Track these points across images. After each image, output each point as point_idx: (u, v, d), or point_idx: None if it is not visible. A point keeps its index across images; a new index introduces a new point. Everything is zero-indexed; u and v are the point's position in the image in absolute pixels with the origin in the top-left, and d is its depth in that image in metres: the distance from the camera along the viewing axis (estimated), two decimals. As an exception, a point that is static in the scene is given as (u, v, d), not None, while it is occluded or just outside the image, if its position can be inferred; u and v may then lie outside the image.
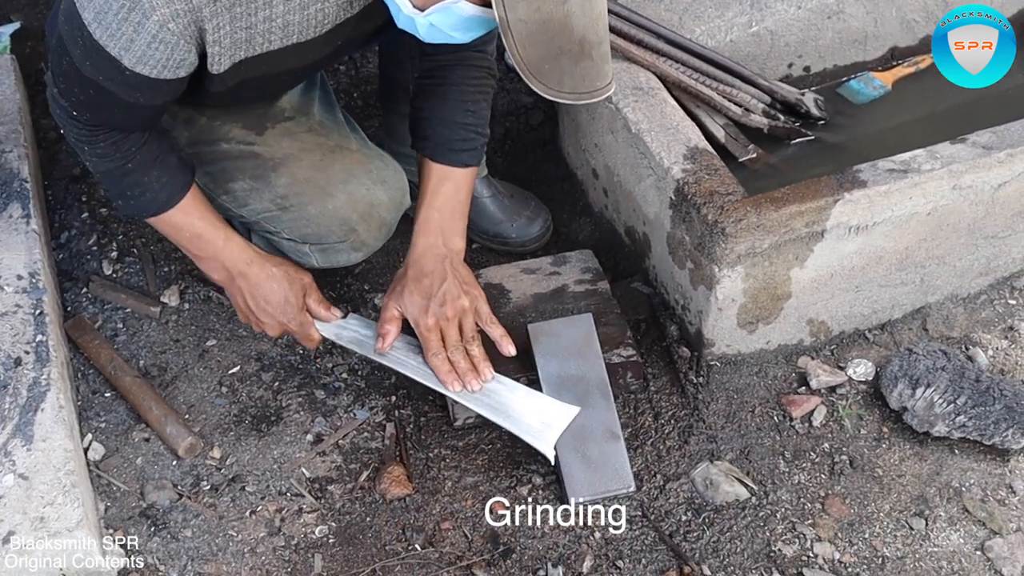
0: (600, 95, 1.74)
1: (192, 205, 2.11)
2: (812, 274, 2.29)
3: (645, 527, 2.17)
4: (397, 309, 2.23)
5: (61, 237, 2.73)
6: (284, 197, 2.19)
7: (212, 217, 2.16)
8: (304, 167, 2.19)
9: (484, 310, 2.27)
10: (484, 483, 2.25)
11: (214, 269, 2.20)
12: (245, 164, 2.19)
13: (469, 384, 2.20)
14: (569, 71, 1.67)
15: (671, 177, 2.28)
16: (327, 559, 2.13)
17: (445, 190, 2.22)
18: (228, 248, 2.16)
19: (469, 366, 2.21)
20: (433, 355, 2.20)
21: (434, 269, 2.20)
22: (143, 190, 2.05)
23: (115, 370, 2.39)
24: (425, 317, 2.19)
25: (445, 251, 2.22)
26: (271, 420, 2.36)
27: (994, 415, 2.24)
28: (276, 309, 2.21)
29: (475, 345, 2.23)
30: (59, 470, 2.03)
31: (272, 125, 2.21)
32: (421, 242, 2.22)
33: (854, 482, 2.25)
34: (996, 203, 2.35)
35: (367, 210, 2.23)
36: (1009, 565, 2.12)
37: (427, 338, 2.20)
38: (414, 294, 2.19)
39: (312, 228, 2.22)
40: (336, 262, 2.32)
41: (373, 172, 2.24)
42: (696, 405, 2.36)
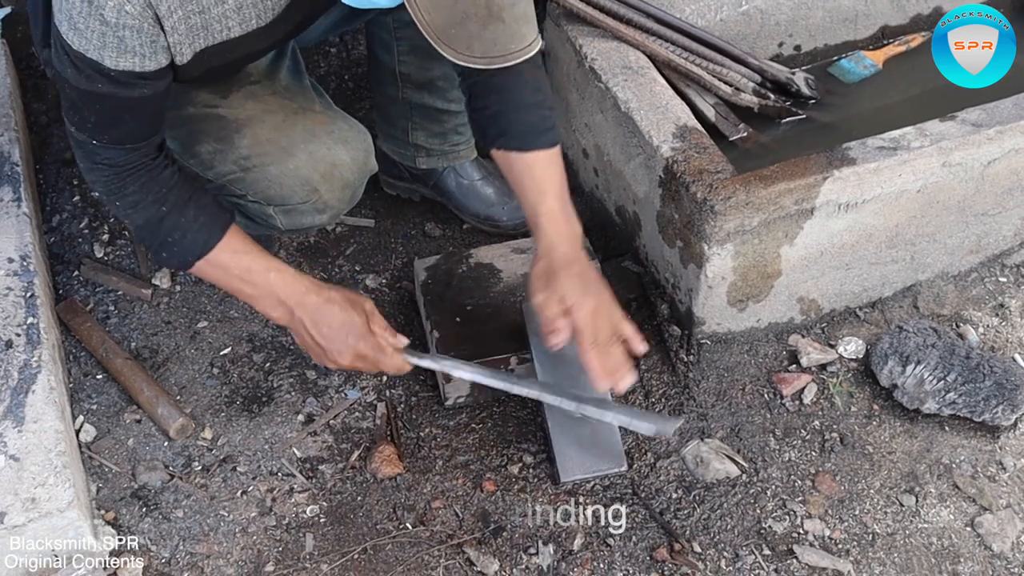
0: (515, 58, 1.68)
1: (237, 241, 2.03)
2: (802, 252, 2.29)
3: (636, 505, 2.18)
4: (557, 302, 2.01)
5: (52, 220, 2.73)
6: (247, 158, 2.15)
7: (259, 251, 2.07)
8: (266, 128, 2.16)
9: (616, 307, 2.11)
10: (475, 462, 2.26)
11: (272, 306, 2.07)
12: (210, 126, 2.16)
13: (622, 382, 2.04)
14: (478, 35, 1.63)
15: (660, 156, 2.28)
16: (318, 538, 2.14)
17: (553, 174, 2.08)
18: (281, 279, 2.05)
19: (621, 362, 2.04)
20: (592, 344, 2.01)
21: (579, 256, 2.06)
22: (183, 232, 1.98)
23: (106, 352, 2.39)
24: (585, 300, 2.01)
25: (576, 239, 2.09)
26: (262, 401, 2.37)
27: (984, 392, 2.24)
28: (340, 333, 2.06)
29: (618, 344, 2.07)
30: (50, 451, 2.03)
31: (237, 88, 2.18)
32: (558, 234, 2.05)
33: (844, 459, 2.25)
34: (986, 180, 2.35)
35: (328, 170, 2.19)
36: (999, 541, 2.12)
37: (586, 325, 2.01)
38: (571, 281, 2.01)
39: (275, 189, 2.18)
40: (301, 224, 2.27)
41: (335, 132, 2.21)
42: (687, 383, 2.36)
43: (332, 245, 2.69)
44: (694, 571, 2.08)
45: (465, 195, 2.69)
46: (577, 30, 2.57)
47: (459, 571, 2.09)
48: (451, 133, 2.60)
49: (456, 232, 2.74)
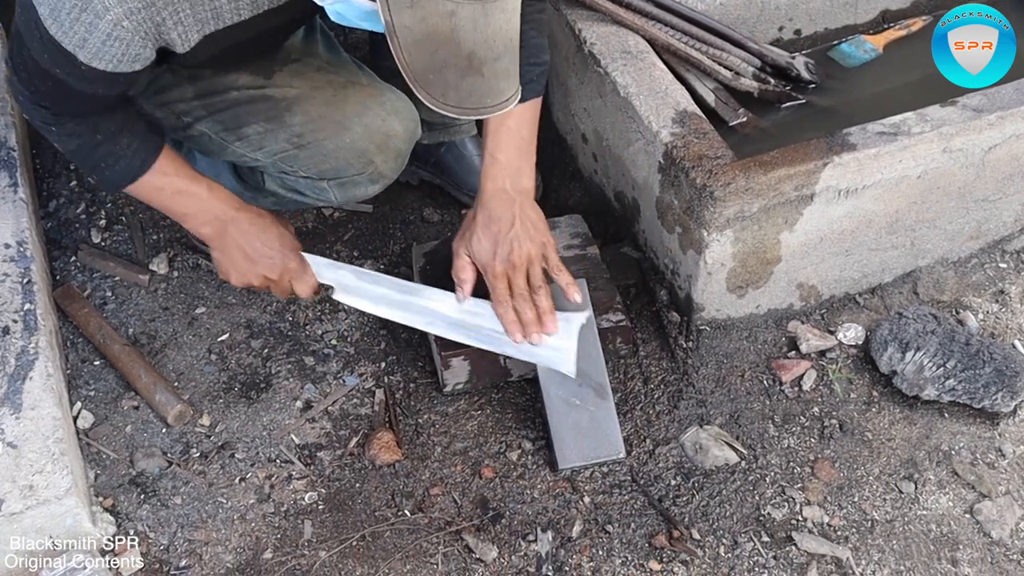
0: (489, 112, 1.70)
1: (169, 164, 2.08)
2: (802, 238, 2.28)
3: (635, 491, 2.18)
4: (468, 255, 2.18)
5: (49, 206, 2.72)
6: (300, 135, 2.17)
7: (191, 171, 2.13)
8: (317, 104, 2.18)
9: (552, 257, 2.20)
10: (473, 449, 2.25)
11: (203, 223, 2.15)
12: (257, 107, 2.17)
13: (530, 337, 2.17)
14: (455, 84, 1.63)
15: (660, 141, 2.27)
16: (317, 525, 2.14)
17: (506, 129, 2.15)
18: (214, 197, 2.13)
19: (534, 316, 2.17)
20: (499, 303, 2.16)
21: (503, 215, 2.14)
22: (116, 158, 2.03)
23: (104, 338, 2.38)
24: (493, 263, 2.14)
25: (513, 194, 2.15)
26: (260, 387, 2.36)
27: (984, 378, 2.24)
28: (274, 248, 2.16)
29: (542, 295, 2.18)
30: (48, 438, 2.03)
31: (280, 68, 2.19)
32: (489, 186, 2.16)
33: (844, 446, 2.25)
34: (987, 166, 2.34)
35: (384, 141, 2.22)
36: (998, 528, 2.12)
37: (494, 285, 2.16)
38: (483, 240, 2.14)
39: (331, 163, 2.21)
40: (354, 196, 2.31)
41: (387, 104, 2.22)
42: (686, 370, 2.36)
43: (330, 231, 2.68)
44: (693, 558, 2.08)
45: (465, 171, 2.68)
46: (576, 14, 2.56)
47: (458, 558, 2.09)
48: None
49: (454, 217, 2.73)
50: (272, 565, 2.08)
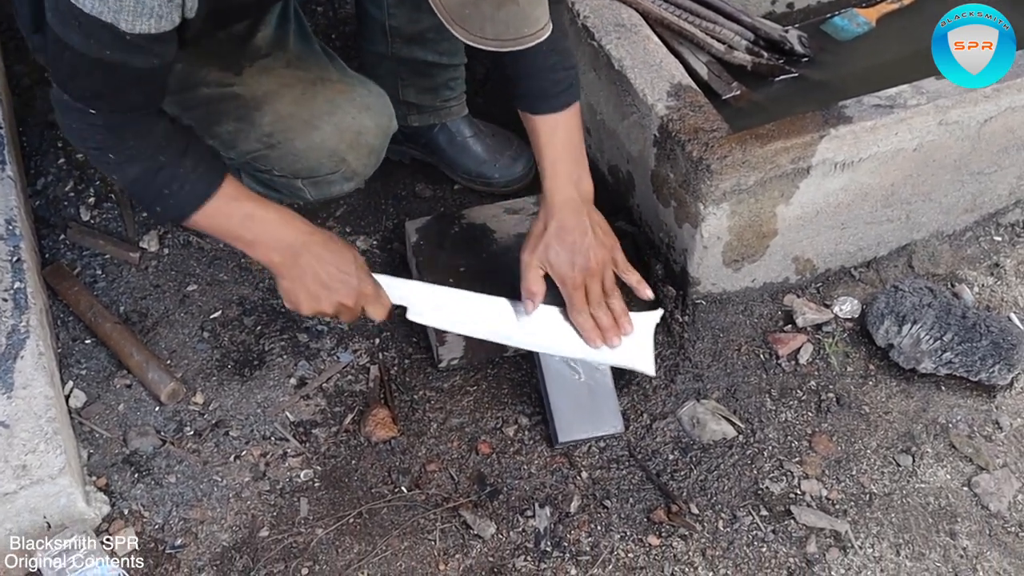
0: (527, 42, 1.68)
1: (234, 188, 1.97)
2: (798, 211, 2.27)
3: (632, 466, 2.17)
4: (542, 268, 2.15)
5: (37, 183, 2.69)
6: (270, 135, 2.14)
7: (257, 196, 2.01)
8: (286, 102, 2.14)
9: (620, 258, 2.20)
10: (470, 424, 2.24)
11: (272, 250, 1.99)
12: (227, 106, 2.13)
13: (610, 341, 2.18)
14: (491, 16, 1.61)
15: (655, 114, 2.25)
16: (313, 502, 2.12)
17: (559, 138, 2.14)
18: (284, 220, 2.00)
19: (611, 322, 2.18)
20: (578, 312, 2.16)
21: (576, 224, 2.13)
22: (181, 183, 1.91)
23: (95, 317, 2.36)
24: (572, 274, 2.13)
25: (580, 201, 2.15)
26: (254, 364, 2.34)
27: (981, 351, 2.23)
28: (350, 272, 2.04)
29: (615, 298, 2.20)
30: (40, 417, 2.01)
31: (249, 64, 2.15)
32: (557, 197, 2.14)
33: (841, 419, 2.25)
34: (982, 139, 2.34)
35: (354, 139, 2.18)
36: (996, 500, 2.12)
37: (573, 296, 2.15)
38: (560, 252, 2.12)
39: (302, 163, 2.17)
40: (329, 194, 2.27)
41: (357, 100, 2.19)
42: (682, 344, 2.35)
43: (322, 207, 2.66)
44: (691, 532, 2.08)
45: (457, 152, 2.67)
46: (569, -12, 2.54)
47: (455, 534, 2.08)
48: (442, 88, 2.57)
49: (447, 193, 2.71)
50: (268, 543, 2.07)
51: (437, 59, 2.50)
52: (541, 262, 2.15)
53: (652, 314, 2.26)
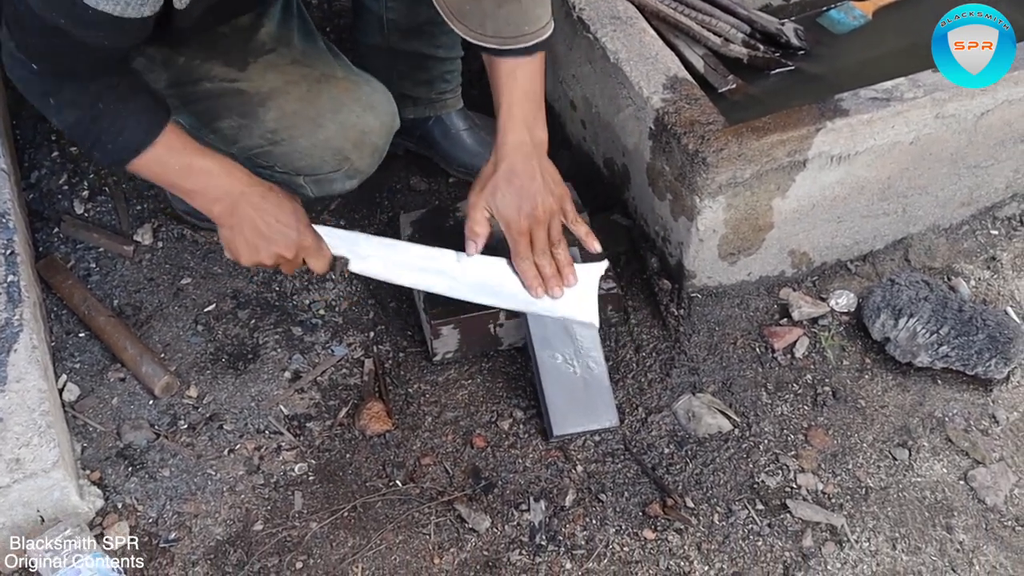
0: (528, 40, 1.67)
1: (176, 138, 1.96)
2: (794, 204, 2.27)
3: (628, 460, 2.16)
4: (488, 210, 2.12)
5: (31, 176, 2.69)
6: (274, 132, 2.13)
7: (198, 146, 2.00)
8: (292, 100, 2.13)
9: (570, 208, 2.17)
10: (464, 418, 2.24)
11: (213, 200, 2.00)
12: (231, 101, 2.12)
13: (552, 291, 2.16)
14: (492, 14, 1.61)
15: (651, 107, 2.25)
16: (307, 496, 2.12)
17: (519, 82, 2.08)
18: (224, 171, 1.99)
19: (554, 271, 2.16)
20: (521, 259, 2.14)
21: (524, 168, 2.09)
22: (119, 129, 1.90)
23: (89, 310, 2.36)
24: (517, 218, 2.10)
25: (532, 146, 2.11)
26: (248, 358, 2.34)
27: (977, 345, 2.23)
28: (289, 224, 2.03)
29: (561, 248, 2.17)
30: (34, 411, 2.00)
31: (254, 59, 2.14)
32: (509, 139, 2.10)
33: (837, 413, 2.24)
34: (979, 132, 2.33)
35: (359, 138, 2.17)
36: (992, 494, 2.12)
37: (517, 241, 2.12)
38: (506, 195, 2.09)
39: (305, 161, 2.16)
40: (331, 191, 2.27)
41: (362, 99, 2.18)
42: (677, 337, 2.34)
43: (316, 200, 2.63)
44: (687, 526, 2.07)
45: (451, 145, 2.66)
46: (565, -21, 2.53)
47: (450, 528, 2.07)
48: (437, 81, 2.56)
49: (442, 186, 2.71)
50: (262, 537, 2.06)
51: (434, 52, 2.50)
52: (487, 204, 2.12)
53: (597, 265, 2.23)
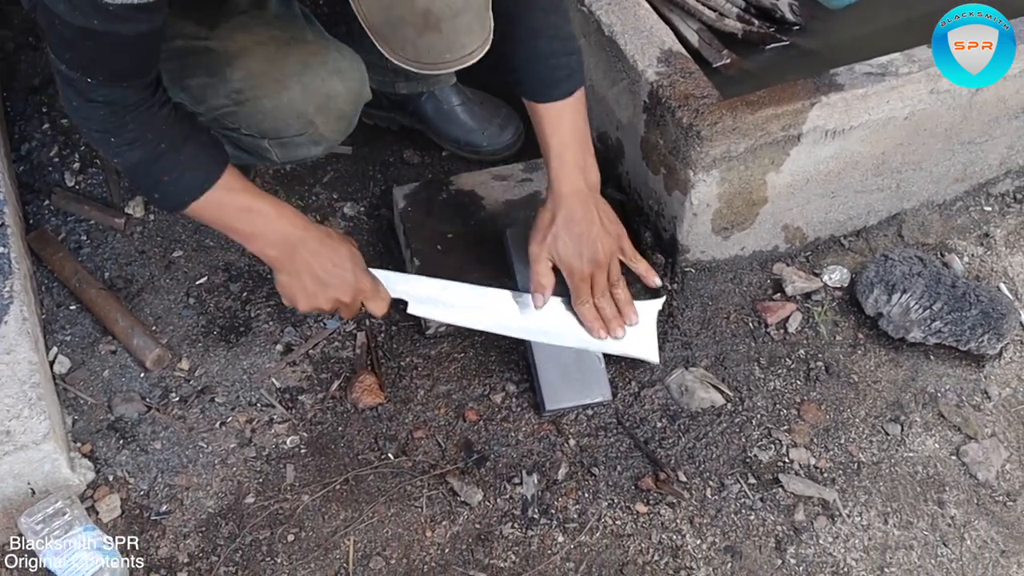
0: (449, 67, 1.67)
1: (235, 179, 1.95)
2: (788, 179, 2.26)
3: (620, 434, 2.16)
4: (551, 259, 2.15)
5: (21, 148, 2.67)
6: (239, 91, 2.10)
7: (256, 188, 2.00)
8: (258, 60, 2.10)
9: (628, 247, 2.22)
10: (457, 391, 2.23)
11: (269, 244, 1.99)
12: (200, 60, 2.10)
13: (614, 332, 2.19)
14: (412, 40, 1.61)
15: (645, 80, 2.24)
16: (299, 469, 2.12)
17: (565, 125, 2.11)
18: (282, 215, 1.99)
19: (615, 313, 2.19)
20: (582, 303, 2.17)
21: (583, 214, 2.12)
22: (181, 171, 1.90)
23: (80, 282, 2.35)
24: (580, 265, 2.13)
25: (588, 191, 2.14)
26: (240, 331, 2.33)
27: (970, 320, 2.23)
28: (347, 268, 2.03)
29: (620, 288, 2.21)
30: (24, 383, 2.00)
31: (225, 19, 2.12)
32: (565, 188, 2.12)
33: (830, 388, 2.24)
34: (973, 108, 2.33)
35: (324, 102, 2.14)
36: (984, 469, 2.12)
37: (579, 287, 2.15)
38: (568, 244, 2.12)
39: (269, 122, 2.13)
40: (296, 156, 2.23)
41: (329, 63, 2.15)
42: (671, 312, 2.34)
43: (309, 173, 2.64)
44: (679, 500, 2.07)
45: (444, 121, 2.65)
46: (559, -47, 2.52)
47: (442, 501, 2.07)
48: (430, 55, 2.55)
49: (435, 159, 2.70)
50: (254, 509, 2.06)
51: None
52: (550, 254, 2.15)
53: (655, 302, 2.26)
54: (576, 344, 2.20)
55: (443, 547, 2.02)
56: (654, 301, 2.26)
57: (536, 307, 2.18)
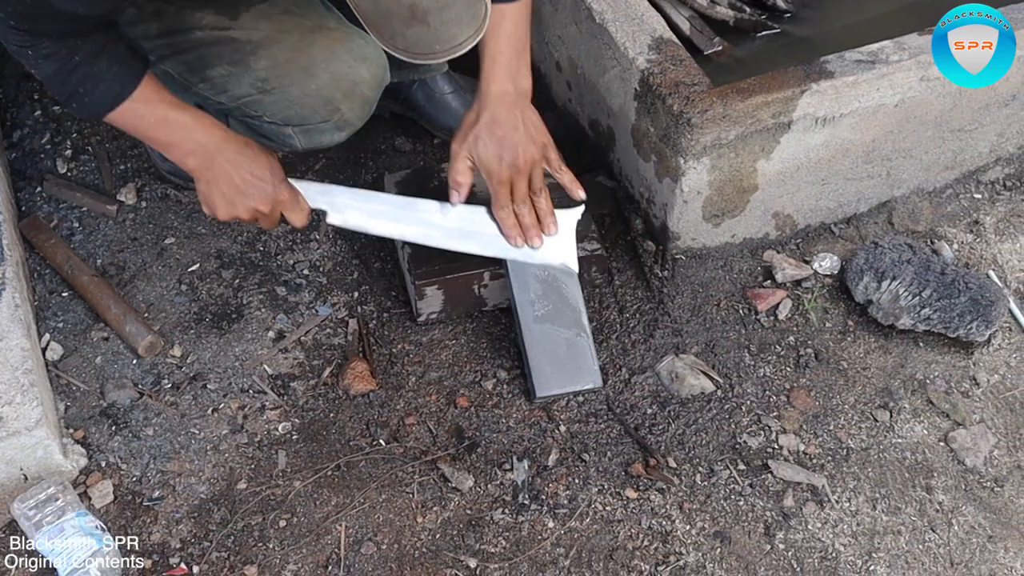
0: (439, 57, 1.68)
1: (151, 91, 1.96)
2: (778, 166, 2.27)
3: (611, 420, 2.17)
4: (470, 159, 2.13)
5: (13, 136, 2.67)
6: (265, 80, 2.12)
7: (174, 99, 2.00)
8: (284, 49, 2.12)
9: (553, 156, 2.18)
10: (448, 378, 2.24)
11: (189, 152, 2.00)
12: (222, 50, 2.11)
13: (531, 240, 2.18)
14: (400, 32, 1.62)
15: (636, 68, 2.24)
16: (291, 455, 2.12)
17: (505, 28, 2.10)
18: (200, 124, 1.99)
19: (534, 220, 2.18)
20: (501, 208, 2.16)
21: (507, 118, 2.10)
22: (95, 82, 1.91)
23: (72, 269, 2.35)
24: (499, 168, 2.11)
25: (515, 96, 2.13)
26: (232, 318, 2.34)
27: (959, 307, 2.24)
28: (265, 177, 2.04)
29: (543, 197, 2.19)
30: (17, 369, 2.00)
31: (246, 8, 2.12)
32: (492, 88, 2.11)
33: (819, 375, 2.25)
34: (963, 96, 2.33)
35: (350, 88, 2.16)
36: (972, 455, 2.13)
37: (497, 190, 2.14)
38: (488, 144, 2.10)
39: (295, 110, 2.15)
40: (319, 143, 2.24)
41: (354, 50, 2.17)
42: (661, 299, 2.35)
43: (301, 160, 2.65)
44: (669, 486, 2.08)
45: (436, 109, 2.65)
46: (550, -60, 2.52)
47: (433, 487, 2.08)
48: (421, 44, 2.55)
49: (427, 147, 2.70)
50: (246, 495, 2.07)
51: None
52: (469, 153, 2.13)
53: (574, 210, 2.23)
54: (495, 253, 2.19)
55: (434, 532, 2.03)
56: (573, 209, 2.23)
57: (452, 203, 2.16)
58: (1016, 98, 2.41)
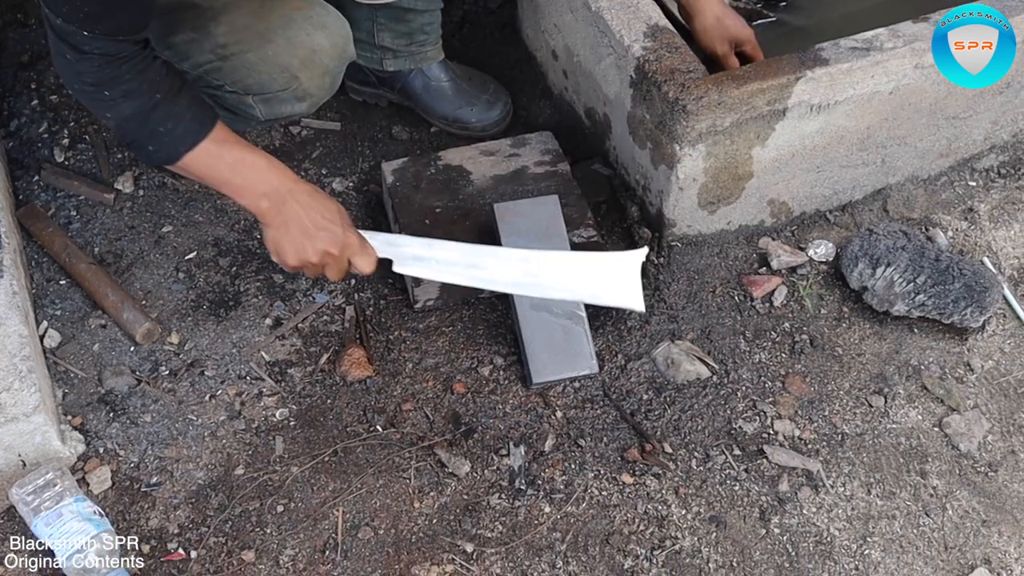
0: None
1: (225, 131, 1.95)
2: (773, 153, 2.28)
3: (607, 406, 2.18)
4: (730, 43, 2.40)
5: (11, 125, 2.67)
6: (224, 46, 2.11)
7: (245, 141, 2.00)
8: (243, 14, 2.11)
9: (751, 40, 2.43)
10: (445, 364, 2.25)
11: (262, 195, 1.97)
12: (185, 15, 2.10)
13: None
14: None
15: (631, 55, 2.25)
16: (288, 441, 2.13)
17: None
18: (273, 167, 1.99)
19: None
20: None
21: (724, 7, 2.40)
22: (176, 122, 1.90)
23: (69, 257, 2.35)
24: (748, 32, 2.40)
25: None
26: (229, 305, 2.34)
27: (953, 294, 2.25)
28: (335, 219, 2.01)
29: None
30: (15, 356, 2.01)
31: None
32: None
33: (814, 361, 2.26)
34: (958, 83, 2.34)
35: (308, 56, 2.15)
36: (966, 441, 2.14)
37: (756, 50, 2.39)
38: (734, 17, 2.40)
39: (253, 77, 2.14)
40: (280, 113, 2.23)
41: (313, 18, 2.16)
42: (657, 285, 2.35)
43: (298, 148, 2.65)
44: (665, 471, 2.09)
45: (432, 97, 2.65)
46: (546, -73, 2.53)
47: (430, 472, 2.09)
48: (417, 33, 2.55)
49: (423, 135, 2.70)
50: (244, 481, 2.08)
51: (412, 4, 2.48)
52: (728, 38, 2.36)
53: (637, 252, 2.22)
54: (563, 296, 2.18)
55: (431, 518, 2.03)
56: (637, 251, 2.21)
57: None
58: (1010, 86, 2.42)
